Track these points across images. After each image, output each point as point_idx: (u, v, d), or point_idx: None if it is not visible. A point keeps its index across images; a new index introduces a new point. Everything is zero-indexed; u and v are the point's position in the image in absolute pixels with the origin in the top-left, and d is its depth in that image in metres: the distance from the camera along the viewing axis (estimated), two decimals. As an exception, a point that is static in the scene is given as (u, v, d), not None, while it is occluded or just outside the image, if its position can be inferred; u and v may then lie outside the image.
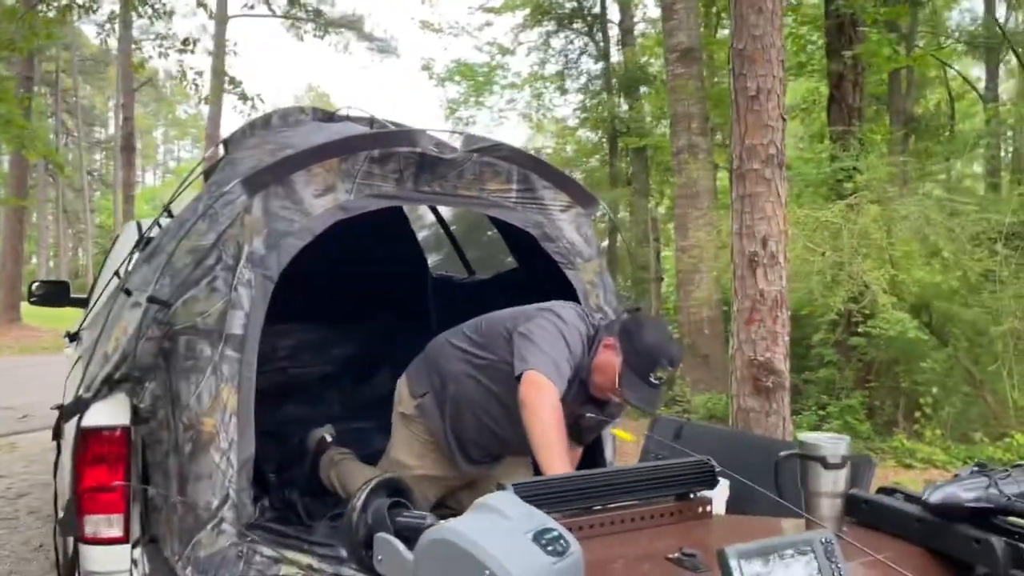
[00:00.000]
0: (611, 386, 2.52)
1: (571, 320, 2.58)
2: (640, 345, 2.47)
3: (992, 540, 1.37)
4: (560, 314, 2.58)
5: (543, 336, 2.46)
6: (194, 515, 2.11)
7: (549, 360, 2.40)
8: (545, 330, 2.48)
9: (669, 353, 2.50)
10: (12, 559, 4.42)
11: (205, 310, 2.19)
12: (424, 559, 1.21)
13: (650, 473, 1.62)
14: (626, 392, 2.47)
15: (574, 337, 2.52)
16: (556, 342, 2.46)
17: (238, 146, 3.11)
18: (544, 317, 2.55)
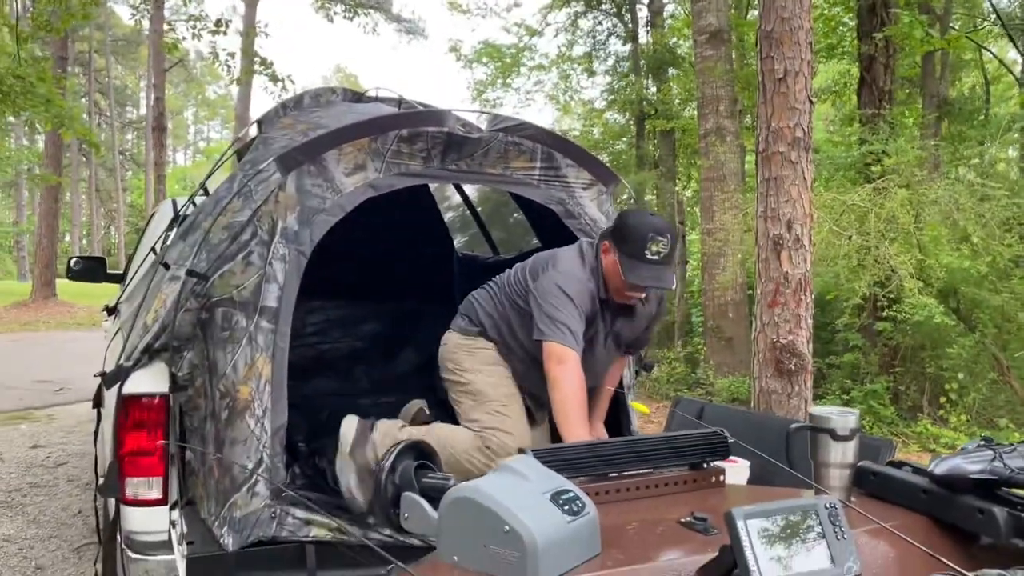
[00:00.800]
0: (621, 283, 2.61)
1: (569, 270, 2.66)
2: (625, 231, 2.58)
3: (995, 510, 1.41)
4: (561, 269, 2.67)
5: (552, 302, 2.58)
6: (230, 478, 2.21)
7: (564, 328, 2.53)
8: (552, 294, 2.59)
9: (652, 225, 2.56)
10: (52, 524, 4.60)
11: (241, 283, 2.29)
12: (448, 516, 1.28)
13: (665, 443, 1.68)
14: (630, 278, 2.56)
15: (577, 288, 2.61)
16: (564, 304, 2.56)
17: (271, 126, 3.19)
18: (548, 278, 2.64)
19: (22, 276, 35.31)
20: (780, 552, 1.22)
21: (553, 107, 20.16)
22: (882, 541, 1.43)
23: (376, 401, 4.41)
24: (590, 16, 17.98)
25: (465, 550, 1.24)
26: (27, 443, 6.52)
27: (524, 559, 1.18)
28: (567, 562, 1.23)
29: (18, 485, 5.36)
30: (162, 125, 20.25)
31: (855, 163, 8.69)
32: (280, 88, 16.79)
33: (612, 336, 2.80)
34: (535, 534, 1.19)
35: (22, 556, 4.13)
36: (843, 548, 1.26)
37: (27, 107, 8.73)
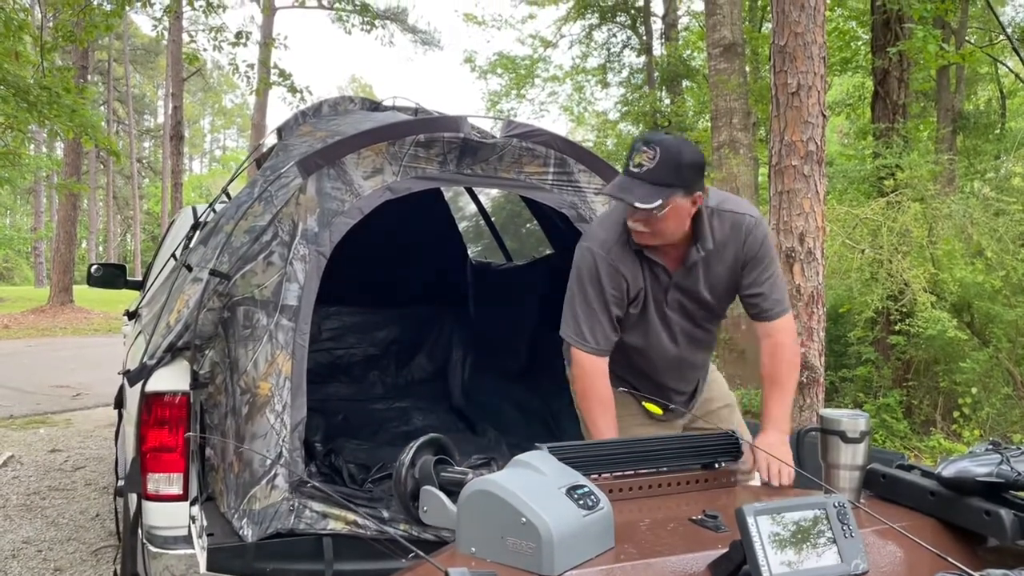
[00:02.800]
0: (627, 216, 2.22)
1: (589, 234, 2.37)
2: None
3: (1002, 513, 1.43)
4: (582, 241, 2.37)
5: (570, 294, 2.38)
6: (250, 471, 2.27)
7: (574, 325, 2.36)
8: (571, 285, 2.38)
9: (642, 136, 2.18)
10: (70, 527, 4.66)
11: (262, 282, 2.35)
12: (466, 509, 1.32)
13: (677, 443, 1.71)
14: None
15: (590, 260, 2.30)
16: (575, 290, 2.36)
17: (290, 133, 3.26)
18: (574, 264, 2.39)
19: (39, 282, 35.65)
20: (789, 549, 1.25)
21: (567, 118, 20.26)
22: (890, 541, 1.45)
23: (390, 406, 4.47)
24: (604, 28, 18.08)
25: (483, 541, 1.28)
26: (45, 447, 6.60)
27: (540, 550, 1.22)
28: (582, 554, 1.27)
29: (37, 488, 5.43)
30: (180, 133, 20.47)
31: (868, 176, 8.69)
32: (299, 99, 16.95)
33: (678, 297, 2.30)
34: (551, 526, 1.23)
35: (41, 558, 4.18)
36: (851, 546, 1.28)
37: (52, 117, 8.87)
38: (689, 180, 2.09)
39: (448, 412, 4.50)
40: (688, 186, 2.10)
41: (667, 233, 2.18)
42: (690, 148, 2.13)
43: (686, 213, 2.15)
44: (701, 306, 2.34)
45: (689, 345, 2.41)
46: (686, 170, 2.08)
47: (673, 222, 2.15)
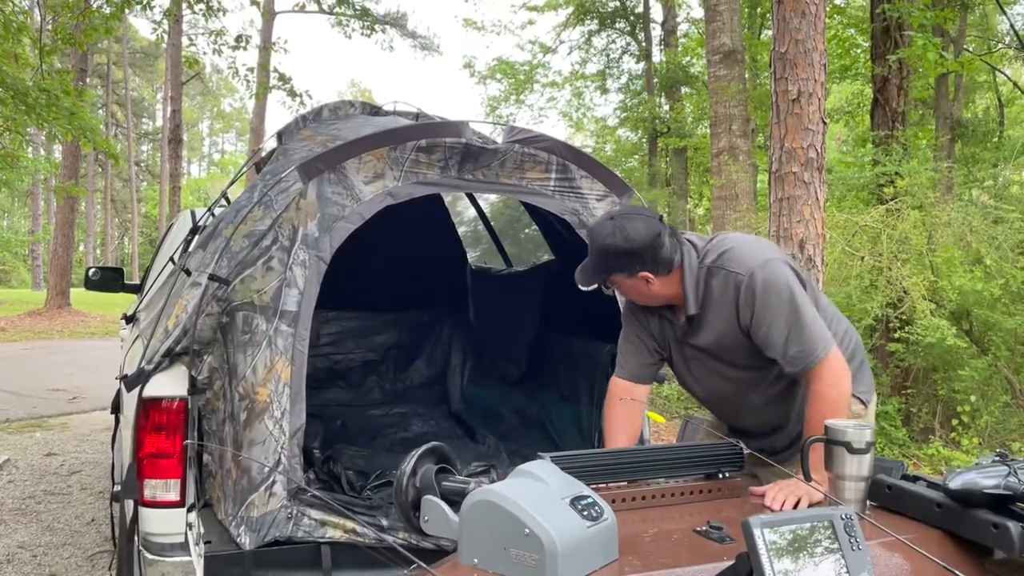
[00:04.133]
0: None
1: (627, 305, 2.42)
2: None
3: (1009, 525, 1.42)
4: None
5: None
6: (248, 478, 2.24)
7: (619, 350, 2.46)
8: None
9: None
10: (66, 531, 4.63)
11: (262, 287, 2.33)
12: (469, 519, 1.30)
13: (681, 453, 1.70)
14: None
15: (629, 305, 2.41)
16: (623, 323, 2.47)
17: (290, 137, 3.25)
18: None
19: (37, 285, 35.59)
20: (796, 561, 1.23)
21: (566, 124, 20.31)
22: (896, 553, 1.44)
23: (388, 412, 4.45)
24: (604, 35, 18.13)
25: (485, 552, 1.26)
26: (41, 451, 6.57)
27: (544, 562, 1.20)
28: (586, 566, 1.25)
29: (32, 492, 5.40)
30: (178, 137, 20.45)
31: (868, 184, 8.70)
32: (298, 103, 16.94)
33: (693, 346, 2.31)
34: (555, 538, 1.21)
35: (36, 563, 4.15)
36: (858, 559, 1.27)
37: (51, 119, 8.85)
38: (620, 265, 2.15)
39: (447, 418, 4.48)
40: (623, 269, 2.15)
41: (643, 300, 2.27)
42: (621, 235, 2.13)
43: (643, 287, 2.19)
44: (717, 357, 2.29)
45: (730, 387, 2.32)
46: (612, 258, 2.15)
47: (637, 294, 2.24)
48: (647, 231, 2.13)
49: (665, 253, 2.15)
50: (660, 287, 2.19)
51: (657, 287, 2.19)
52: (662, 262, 2.15)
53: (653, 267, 2.15)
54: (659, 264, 2.15)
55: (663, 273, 2.17)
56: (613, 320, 3.04)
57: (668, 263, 2.16)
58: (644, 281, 2.17)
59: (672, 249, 2.17)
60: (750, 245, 2.22)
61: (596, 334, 3.51)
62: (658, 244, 2.13)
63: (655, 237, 2.14)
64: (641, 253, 2.13)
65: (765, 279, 2.10)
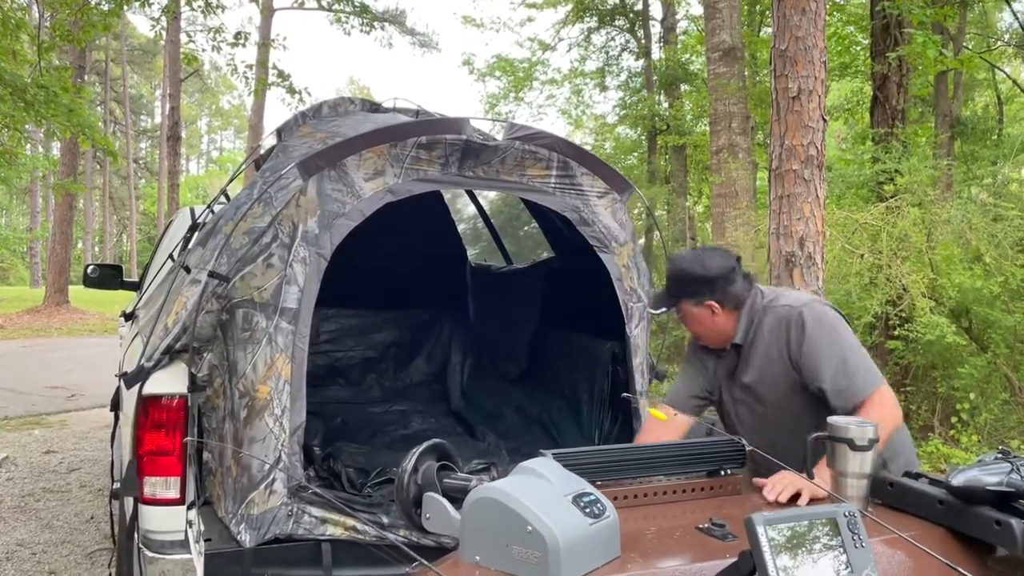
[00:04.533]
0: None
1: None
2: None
3: (1012, 522, 1.42)
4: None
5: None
6: (248, 476, 2.24)
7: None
8: None
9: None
10: (65, 529, 4.63)
11: (262, 284, 2.32)
12: (471, 516, 1.30)
13: (683, 450, 1.70)
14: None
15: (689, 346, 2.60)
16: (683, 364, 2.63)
17: (290, 134, 3.24)
18: None
19: (35, 282, 35.54)
20: (799, 558, 1.23)
21: (565, 121, 20.28)
22: (899, 550, 1.44)
23: (388, 409, 4.45)
24: (603, 32, 18.09)
25: (487, 550, 1.26)
26: (40, 448, 6.56)
27: (546, 559, 1.20)
28: (588, 564, 1.25)
29: (31, 490, 5.39)
30: (177, 134, 20.41)
31: (867, 181, 8.69)
32: (297, 100, 16.92)
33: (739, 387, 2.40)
34: (558, 535, 1.21)
35: (35, 561, 4.15)
36: (861, 556, 1.27)
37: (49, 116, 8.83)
38: (692, 291, 2.33)
39: (447, 415, 4.48)
40: (693, 295, 2.33)
41: (702, 335, 2.42)
42: (698, 263, 2.35)
43: (707, 318, 2.34)
44: (762, 399, 2.36)
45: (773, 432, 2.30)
46: (686, 282, 2.34)
47: (700, 325, 2.38)
48: (723, 263, 2.34)
49: (735, 289, 2.32)
50: (723, 321, 2.34)
51: (721, 321, 2.34)
52: (730, 296, 2.32)
53: (721, 298, 2.31)
54: (727, 297, 2.31)
55: (729, 306, 2.33)
56: (613, 318, 3.04)
57: (736, 298, 2.32)
58: (710, 311, 2.32)
59: (743, 288, 2.34)
60: (801, 293, 2.42)
61: (596, 331, 3.50)
62: (731, 278, 2.32)
63: (729, 271, 2.33)
64: (713, 281, 2.30)
65: (816, 312, 2.24)
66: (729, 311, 2.33)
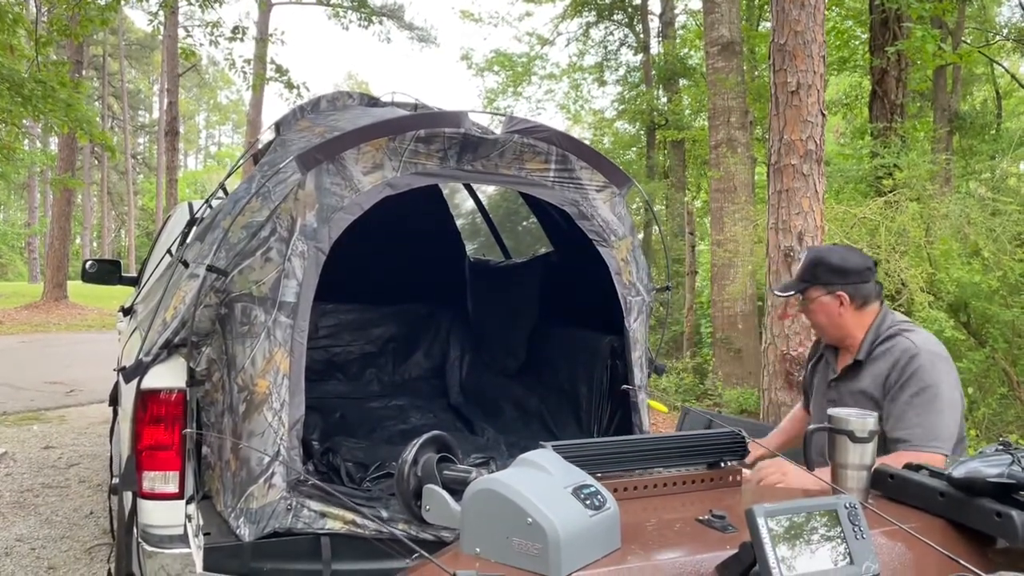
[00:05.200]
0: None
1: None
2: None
3: (1013, 514, 1.41)
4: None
5: None
6: (247, 470, 2.23)
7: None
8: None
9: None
10: (64, 524, 4.62)
11: (260, 279, 2.31)
12: (471, 508, 1.29)
13: (683, 442, 1.69)
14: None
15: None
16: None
17: (288, 128, 3.23)
18: None
19: (33, 278, 35.51)
20: (799, 550, 1.23)
21: (564, 116, 20.26)
22: (900, 542, 1.44)
23: (387, 404, 4.45)
24: (602, 26, 18.08)
25: (488, 542, 1.25)
26: (39, 444, 6.56)
27: (547, 551, 1.19)
28: (588, 555, 1.24)
29: (30, 485, 5.39)
30: (174, 129, 20.38)
31: (866, 176, 8.70)
32: (295, 95, 16.90)
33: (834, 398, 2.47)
34: (558, 527, 1.20)
35: (34, 556, 4.14)
36: (862, 548, 1.26)
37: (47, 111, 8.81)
38: (824, 278, 2.39)
39: (446, 410, 4.48)
40: (827, 283, 2.38)
41: (820, 327, 2.47)
42: (837, 254, 2.42)
43: (834, 310, 2.39)
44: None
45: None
46: (821, 269, 2.40)
47: (824, 316, 2.42)
48: (861, 261, 2.42)
49: (867, 288, 2.38)
50: (848, 317, 2.39)
51: (847, 316, 2.39)
52: (861, 293, 2.37)
53: (852, 292, 2.37)
54: (858, 293, 2.37)
55: (858, 304, 2.38)
56: (611, 312, 3.04)
57: (865, 297, 2.38)
58: (838, 302, 2.38)
59: (874, 291, 2.39)
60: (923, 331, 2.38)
61: (595, 326, 3.50)
62: (866, 276, 2.38)
63: (866, 270, 2.40)
64: (848, 273, 2.37)
65: (932, 355, 2.25)
66: (855, 309, 2.38)
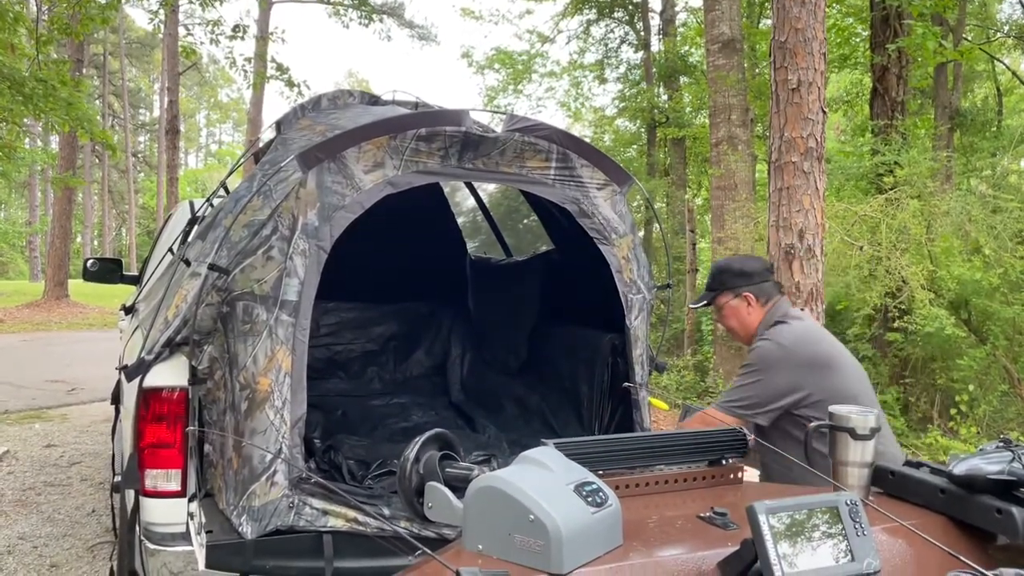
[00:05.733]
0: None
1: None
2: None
3: (1013, 511, 1.41)
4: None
5: None
6: (249, 468, 2.24)
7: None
8: None
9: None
10: (66, 522, 4.64)
11: (262, 277, 2.31)
12: (473, 505, 1.30)
13: (684, 439, 1.70)
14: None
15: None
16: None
17: (289, 127, 3.23)
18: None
19: (34, 276, 35.54)
20: (801, 547, 1.23)
21: (564, 114, 20.24)
22: (900, 539, 1.44)
23: (388, 402, 4.45)
24: (602, 24, 18.06)
25: (490, 538, 1.26)
26: (41, 442, 6.57)
27: (549, 548, 1.20)
28: (590, 552, 1.25)
29: (32, 484, 5.40)
30: (175, 128, 20.38)
31: (867, 173, 8.69)
32: (296, 93, 16.92)
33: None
34: (560, 524, 1.20)
35: (37, 554, 4.15)
36: (863, 544, 1.27)
37: (48, 110, 8.81)
38: (730, 283, 2.73)
39: (447, 408, 4.48)
40: (732, 288, 2.73)
41: (733, 331, 2.80)
42: (737, 261, 2.82)
43: (743, 311, 2.72)
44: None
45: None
46: (726, 276, 2.76)
47: (733, 320, 2.76)
48: (759, 264, 2.78)
49: (768, 287, 2.72)
50: (755, 316, 2.70)
51: (754, 315, 2.70)
52: (764, 291, 2.70)
53: (757, 292, 2.69)
54: (761, 292, 2.70)
55: (762, 301, 2.70)
56: (612, 309, 3.04)
57: (768, 294, 2.71)
58: (746, 303, 2.71)
59: (776, 289, 2.74)
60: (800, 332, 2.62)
61: (596, 323, 3.50)
62: (766, 276, 2.73)
63: (764, 270, 2.75)
64: (750, 276, 2.71)
65: (774, 344, 2.57)
66: (761, 306, 2.69)
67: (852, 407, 1.61)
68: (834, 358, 2.56)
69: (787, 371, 2.50)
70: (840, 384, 2.49)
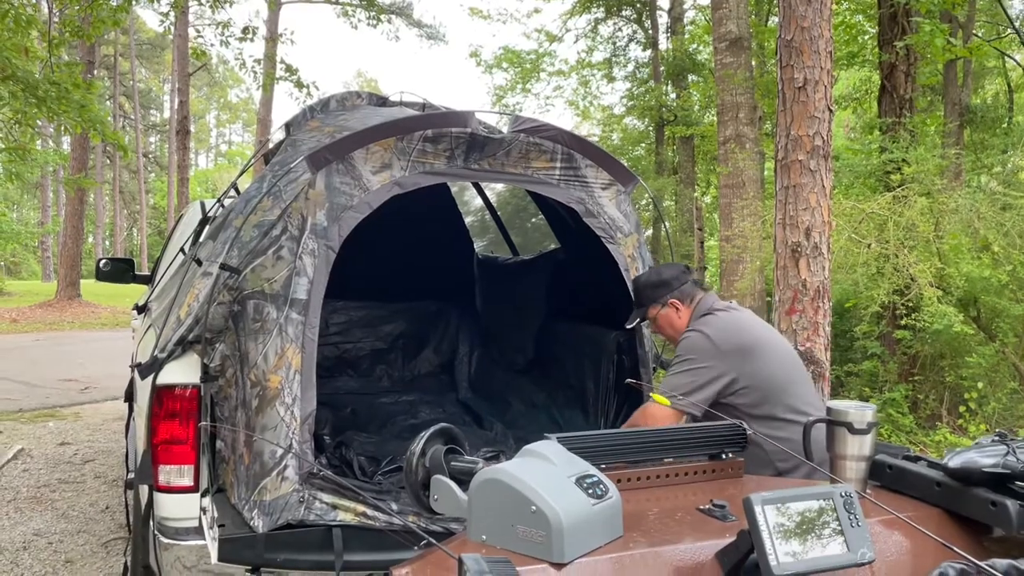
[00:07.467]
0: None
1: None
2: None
3: (1008, 503, 1.44)
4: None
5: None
6: (260, 463, 2.29)
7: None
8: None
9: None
10: (81, 519, 4.70)
11: (272, 276, 2.36)
12: (477, 497, 1.33)
13: (684, 434, 1.73)
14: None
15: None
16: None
17: (298, 128, 3.27)
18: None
19: (47, 276, 35.81)
20: (796, 538, 1.26)
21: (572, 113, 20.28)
22: (896, 531, 1.47)
23: (397, 400, 4.50)
24: (610, 22, 18.06)
25: (493, 529, 1.29)
26: (55, 440, 6.65)
27: (550, 538, 1.24)
28: (591, 543, 1.28)
29: (47, 481, 5.47)
30: (186, 128, 20.51)
31: (875, 171, 8.66)
32: (305, 94, 17.00)
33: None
34: (561, 515, 1.24)
35: (52, 550, 4.22)
36: (858, 535, 1.29)
37: (61, 112, 8.90)
38: (652, 296, 2.79)
39: (455, 405, 4.52)
40: (657, 299, 2.78)
41: (670, 338, 2.84)
42: (652, 273, 2.87)
43: (673, 317, 2.77)
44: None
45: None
46: (646, 291, 2.81)
47: (667, 328, 2.81)
48: (673, 269, 2.83)
49: (687, 288, 2.78)
50: (686, 318, 2.74)
51: (684, 317, 2.74)
52: (686, 293, 2.76)
53: (679, 296, 2.75)
54: (683, 295, 2.76)
55: (687, 303, 2.75)
56: (618, 308, 3.07)
57: (691, 295, 2.77)
58: (673, 309, 2.75)
59: (694, 287, 2.78)
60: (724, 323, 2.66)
61: (602, 321, 3.53)
62: (683, 278, 2.79)
63: (680, 273, 2.80)
64: (669, 283, 2.77)
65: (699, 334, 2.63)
66: (688, 307, 2.75)
67: (850, 402, 1.64)
68: (760, 345, 2.58)
69: (713, 358, 2.54)
70: (766, 370, 2.52)
